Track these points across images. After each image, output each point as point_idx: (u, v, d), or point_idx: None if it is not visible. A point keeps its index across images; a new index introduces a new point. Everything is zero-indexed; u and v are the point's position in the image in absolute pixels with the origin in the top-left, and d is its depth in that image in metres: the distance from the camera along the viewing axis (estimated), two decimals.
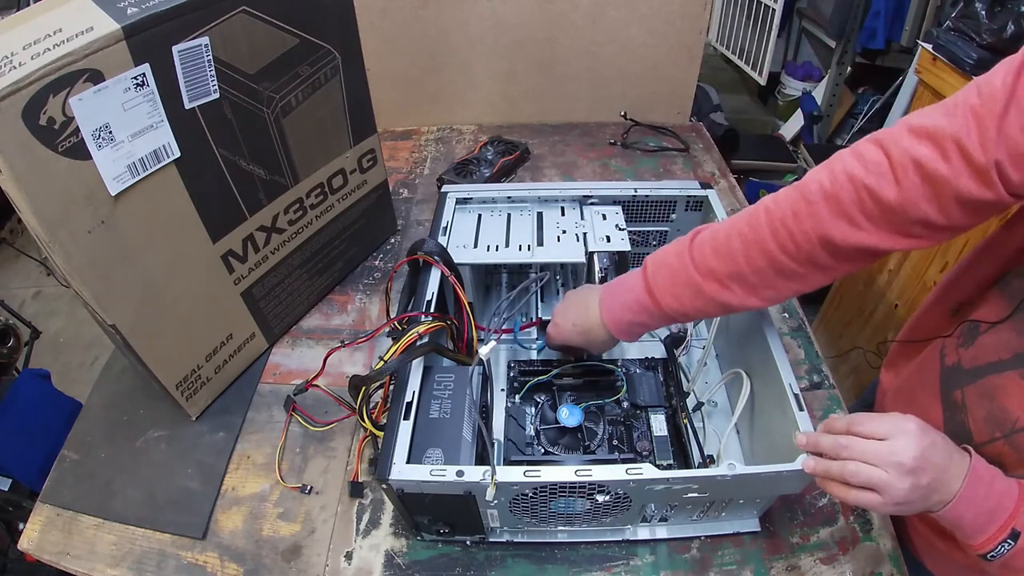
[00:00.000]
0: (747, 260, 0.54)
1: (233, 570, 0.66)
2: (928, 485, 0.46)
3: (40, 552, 0.69)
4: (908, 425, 0.47)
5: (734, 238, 0.54)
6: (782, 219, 0.52)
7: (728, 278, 0.55)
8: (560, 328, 0.69)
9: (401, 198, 1.16)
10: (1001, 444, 0.53)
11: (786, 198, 0.52)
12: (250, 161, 0.71)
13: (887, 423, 0.48)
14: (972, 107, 0.44)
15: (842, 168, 0.49)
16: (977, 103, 0.44)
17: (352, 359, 0.86)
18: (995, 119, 0.43)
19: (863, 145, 0.49)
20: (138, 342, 0.67)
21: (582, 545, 0.67)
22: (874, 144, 0.49)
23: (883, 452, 0.46)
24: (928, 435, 0.47)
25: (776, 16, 1.92)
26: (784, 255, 0.52)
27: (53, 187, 0.53)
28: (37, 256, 2.28)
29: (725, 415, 0.76)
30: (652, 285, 0.59)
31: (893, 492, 0.46)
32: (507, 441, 0.71)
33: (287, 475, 0.74)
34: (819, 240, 0.50)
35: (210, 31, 0.60)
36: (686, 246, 0.58)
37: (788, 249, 0.52)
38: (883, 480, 0.46)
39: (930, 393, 0.62)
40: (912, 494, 0.46)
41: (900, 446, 0.46)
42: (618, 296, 0.63)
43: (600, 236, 0.78)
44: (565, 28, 1.21)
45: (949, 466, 0.47)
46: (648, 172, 1.20)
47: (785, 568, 0.64)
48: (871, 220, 0.48)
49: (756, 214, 0.54)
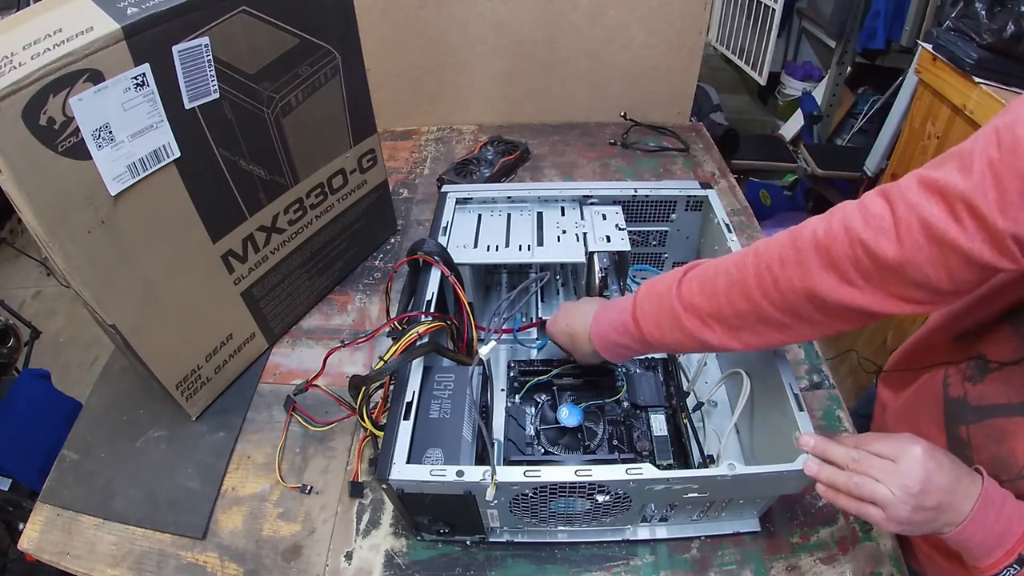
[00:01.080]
0: (728, 301, 0.52)
1: (233, 570, 0.66)
2: (935, 507, 0.46)
3: (40, 552, 0.69)
4: (915, 449, 0.47)
5: (720, 277, 0.53)
6: (768, 264, 0.49)
7: (709, 316, 0.53)
8: (555, 326, 0.70)
9: (401, 198, 1.16)
10: (1009, 486, 0.51)
11: (777, 243, 0.49)
12: (250, 161, 0.71)
13: (894, 445, 0.48)
14: (990, 161, 0.38)
15: (841, 218, 0.46)
16: (996, 156, 0.38)
17: (352, 359, 0.86)
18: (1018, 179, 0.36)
19: (869, 197, 0.45)
20: (138, 342, 0.67)
21: (582, 545, 0.67)
22: (880, 196, 0.44)
23: (889, 472, 0.47)
24: (934, 458, 0.47)
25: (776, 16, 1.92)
26: (766, 301, 0.49)
27: (53, 187, 0.53)
28: (37, 256, 2.28)
29: (725, 415, 0.76)
30: (637, 311, 0.59)
31: (896, 511, 0.46)
32: (507, 441, 0.71)
33: (287, 475, 0.74)
34: (804, 291, 0.47)
35: (210, 31, 0.60)
36: (677, 278, 0.57)
37: (771, 296, 0.49)
38: (887, 498, 0.46)
39: (934, 423, 0.60)
40: (916, 515, 0.46)
41: (906, 468, 0.46)
42: (608, 314, 0.63)
43: (600, 236, 0.78)
44: (565, 28, 1.21)
45: (957, 488, 0.47)
46: (648, 172, 1.20)
47: (785, 568, 0.64)
48: (864, 278, 0.44)
49: (745, 255, 0.52)
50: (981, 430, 0.54)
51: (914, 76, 1.36)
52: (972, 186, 0.38)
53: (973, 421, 0.55)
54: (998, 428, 0.52)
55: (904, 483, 0.46)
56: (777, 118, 2.68)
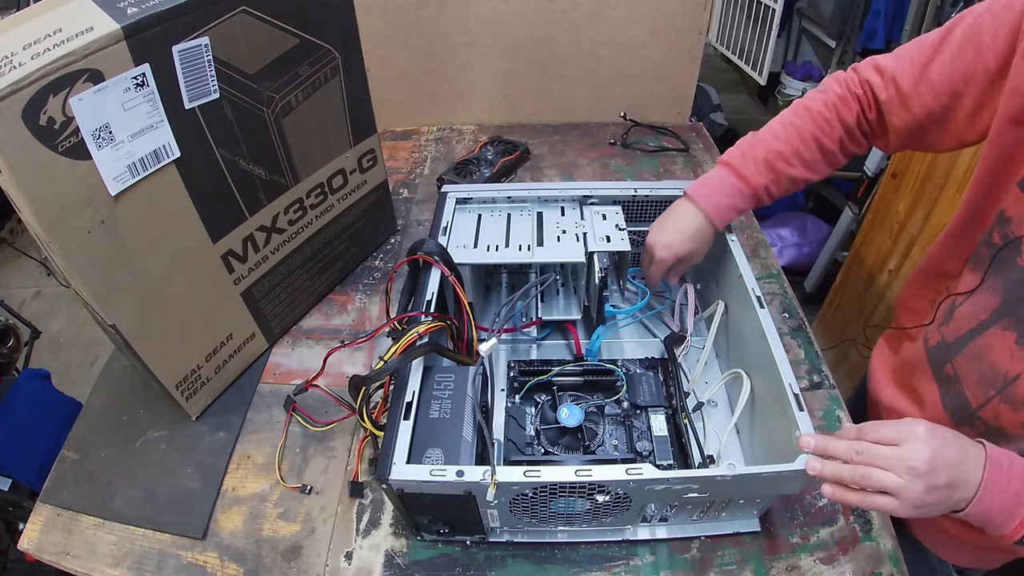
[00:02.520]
0: (802, 141, 0.69)
1: (233, 570, 0.66)
2: (947, 484, 0.47)
3: (40, 552, 0.69)
4: (917, 429, 0.48)
5: (790, 128, 0.70)
6: (819, 111, 0.69)
7: (791, 155, 0.70)
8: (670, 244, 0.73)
9: (401, 198, 1.16)
10: (997, 402, 0.56)
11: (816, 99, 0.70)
12: (250, 161, 0.71)
13: (896, 429, 0.48)
14: (911, 54, 0.61)
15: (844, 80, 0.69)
16: (915, 52, 0.60)
17: (352, 359, 0.86)
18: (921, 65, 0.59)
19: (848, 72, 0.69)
20: (138, 342, 0.67)
21: (582, 545, 0.67)
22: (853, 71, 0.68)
23: (895, 457, 0.47)
24: (938, 436, 0.48)
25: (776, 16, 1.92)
26: (824, 136, 0.68)
27: (53, 187, 0.53)
28: (37, 256, 2.28)
29: (725, 415, 0.76)
30: (742, 173, 0.71)
31: (909, 495, 0.46)
32: (507, 441, 0.71)
33: (287, 475, 0.74)
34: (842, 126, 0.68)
35: (210, 31, 0.60)
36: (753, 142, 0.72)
37: (825, 131, 0.68)
38: (897, 484, 0.46)
39: (923, 375, 0.66)
40: (929, 496, 0.46)
41: (911, 450, 0.47)
42: (712, 188, 0.74)
43: (600, 236, 0.78)
44: (565, 28, 1.21)
45: (964, 461, 0.47)
46: (648, 172, 1.20)
47: (785, 568, 0.64)
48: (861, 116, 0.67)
49: (798, 111, 0.71)
50: (963, 359, 0.60)
51: None
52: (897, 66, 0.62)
53: (954, 355, 0.62)
54: (976, 349, 0.59)
55: (911, 465, 0.46)
56: None
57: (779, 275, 0.97)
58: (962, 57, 0.56)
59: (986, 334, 0.57)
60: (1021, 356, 0.54)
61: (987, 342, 0.57)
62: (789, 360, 0.61)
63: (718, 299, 0.78)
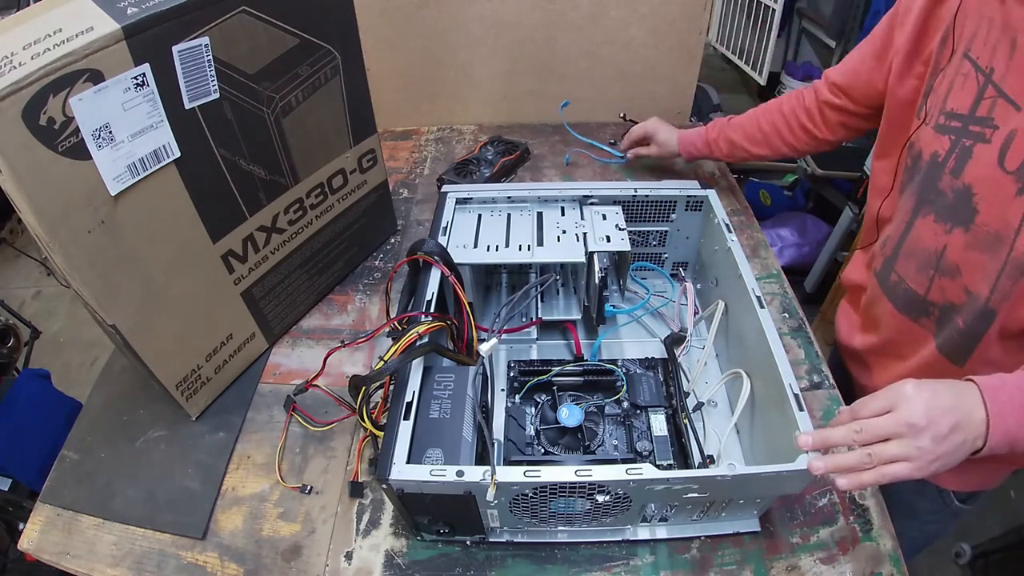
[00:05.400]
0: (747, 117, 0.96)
1: (233, 570, 0.66)
2: (951, 429, 0.47)
3: (40, 552, 0.69)
4: (904, 389, 0.49)
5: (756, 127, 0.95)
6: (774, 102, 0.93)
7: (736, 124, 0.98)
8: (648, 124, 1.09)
9: (401, 198, 1.16)
10: (938, 280, 0.66)
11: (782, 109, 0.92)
12: (250, 161, 0.71)
13: (884, 397, 0.50)
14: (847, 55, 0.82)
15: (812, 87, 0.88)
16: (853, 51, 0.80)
17: (352, 359, 0.86)
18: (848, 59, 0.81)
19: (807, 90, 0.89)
20: (138, 342, 0.67)
21: (582, 545, 0.67)
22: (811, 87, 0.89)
23: (892, 423, 0.48)
24: (926, 387, 0.49)
25: (776, 16, 1.92)
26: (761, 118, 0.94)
27: (53, 187, 0.53)
28: (37, 256, 2.28)
29: (725, 415, 0.76)
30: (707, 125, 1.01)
31: (919, 453, 0.47)
32: (507, 441, 0.71)
33: (287, 475, 0.74)
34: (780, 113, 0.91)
35: (210, 31, 0.60)
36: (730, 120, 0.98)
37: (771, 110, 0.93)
38: (904, 447, 0.47)
39: (878, 301, 0.76)
40: (939, 446, 0.47)
41: (906, 410, 0.48)
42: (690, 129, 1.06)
43: (600, 236, 0.78)
44: (565, 28, 1.21)
45: (961, 402, 0.49)
46: (648, 172, 1.20)
47: (785, 568, 0.64)
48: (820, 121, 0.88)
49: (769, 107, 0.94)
50: (901, 261, 0.71)
51: None
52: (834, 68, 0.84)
53: (892, 263, 0.72)
54: (909, 246, 0.69)
55: (909, 423, 0.47)
56: None
57: (779, 275, 0.97)
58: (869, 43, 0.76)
59: (912, 229, 0.68)
60: (941, 229, 0.64)
61: (914, 234, 0.68)
62: (789, 360, 0.61)
63: (718, 299, 0.78)
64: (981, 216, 0.60)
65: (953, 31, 0.62)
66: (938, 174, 0.64)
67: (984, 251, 0.61)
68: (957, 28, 0.62)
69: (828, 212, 2.03)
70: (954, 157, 0.62)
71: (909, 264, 0.69)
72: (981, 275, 0.61)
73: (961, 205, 0.61)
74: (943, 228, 0.64)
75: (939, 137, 0.63)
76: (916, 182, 0.67)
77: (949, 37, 0.62)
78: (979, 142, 0.59)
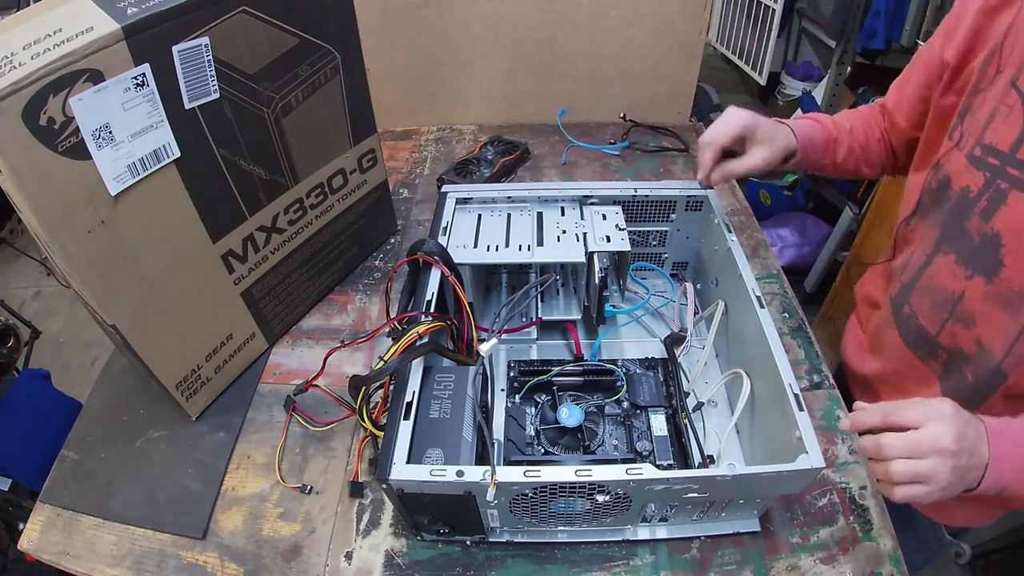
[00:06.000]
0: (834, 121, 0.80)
1: (233, 570, 0.66)
2: (967, 464, 0.47)
3: (40, 552, 0.69)
4: (944, 408, 0.48)
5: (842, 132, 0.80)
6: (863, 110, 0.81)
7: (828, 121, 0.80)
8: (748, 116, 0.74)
9: (401, 198, 1.16)
10: (951, 325, 0.62)
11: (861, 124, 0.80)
12: (250, 161, 0.71)
13: (921, 410, 0.49)
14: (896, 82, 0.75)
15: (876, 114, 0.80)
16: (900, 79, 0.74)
17: (352, 359, 0.86)
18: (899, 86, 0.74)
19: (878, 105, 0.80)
20: (138, 342, 0.67)
21: (582, 545, 0.67)
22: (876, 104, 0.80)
23: (924, 441, 0.47)
24: (962, 415, 0.48)
25: (776, 16, 1.92)
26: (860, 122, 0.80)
27: (53, 187, 0.53)
28: (37, 256, 2.28)
29: (725, 415, 0.76)
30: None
31: (939, 479, 0.46)
32: (507, 441, 0.71)
33: (287, 475, 0.74)
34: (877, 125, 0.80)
35: (210, 31, 0.60)
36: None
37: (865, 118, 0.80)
38: (928, 470, 0.46)
39: (888, 328, 0.72)
40: (954, 475, 0.47)
41: (940, 431, 0.47)
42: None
43: (600, 236, 0.78)
44: (565, 28, 1.21)
45: (978, 439, 0.48)
46: (648, 172, 1.20)
47: (785, 568, 0.64)
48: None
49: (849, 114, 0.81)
50: (916, 295, 0.67)
51: None
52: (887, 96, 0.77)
53: (909, 294, 0.68)
54: (926, 280, 0.65)
55: (941, 446, 0.47)
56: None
57: (779, 275, 0.97)
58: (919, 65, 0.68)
59: (932, 264, 0.64)
60: (962, 273, 0.60)
61: (933, 270, 0.64)
62: (789, 360, 0.61)
63: (718, 299, 0.78)
64: (1007, 270, 0.55)
65: (1001, 50, 0.55)
66: (966, 212, 0.58)
67: (1004, 308, 0.56)
68: (1007, 48, 0.55)
69: (828, 212, 2.03)
70: (986, 198, 0.56)
71: (924, 300, 0.65)
72: (997, 332, 0.58)
73: (987, 253, 0.57)
74: (964, 273, 0.59)
75: (972, 171, 0.57)
76: (942, 213, 0.62)
77: (996, 55, 0.56)
78: (1016, 188, 0.54)
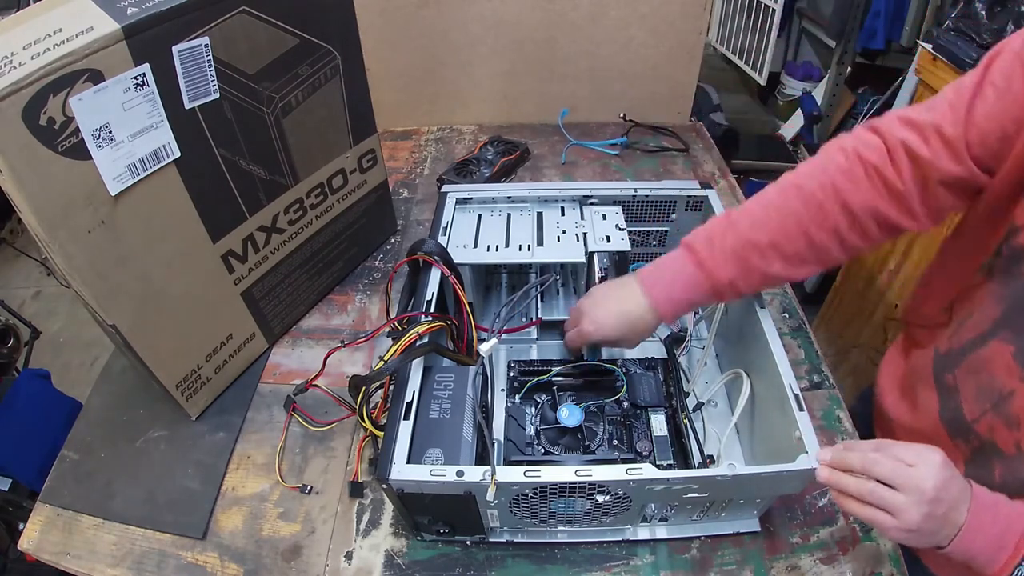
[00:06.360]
0: (782, 230, 0.59)
1: (233, 570, 0.66)
2: (942, 516, 0.47)
3: (40, 552, 0.69)
4: (934, 456, 0.48)
5: (771, 212, 0.60)
6: (811, 193, 0.58)
7: (768, 247, 0.59)
8: (600, 324, 0.66)
9: (401, 198, 1.16)
10: (991, 417, 0.55)
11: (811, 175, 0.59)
12: (250, 161, 0.71)
13: (914, 451, 0.49)
14: (949, 100, 0.53)
15: (852, 149, 0.57)
16: (953, 97, 0.53)
17: (352, 359, 0.86)
18: (965, 106, 0.51)
19: (861, 131, 0.58)
20: (138, 342, 0.67)
21: (582, 545, 0.67)
22: (870, 131, 0.57)
23: (906, 475, 0.47)
24: (949, 467, 0.48)
25: (776, 16, 1.92)
26: (814, 226, 0.58)
27: (53, 187, 0.53)
28: (37, 256, 2.28)
29: (725, 415, 0.76)
30: (703, 260, 0.62)
31: (908, 517, 0.46)
32: (507, 441, 0.71)
33: (287, 475, 0.74)
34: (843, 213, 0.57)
35: (210, 31, 0.60)
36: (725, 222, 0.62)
37: (816, 220, 0.58)
38: (900, 503, 0.47)
39: (926, 384, 0.64)
40: (925, 523, 0.47)
41: (923, 473, 0.47)
42: (664, 277, 0.64)
43: (600, 236, 0.78)
44: (565, 28, 1.21)
45: (960, 500, 0.48)
46: (648, 172, 1.20)
47: (785, 568, 0.64)
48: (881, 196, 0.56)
49: (786, 190, 0.60)
50: (963, 369, 0.59)
51: (914, 76, 1.35)
52: (936, 117, 0.53)
53: (956, 365, 0.60)
54: (976, 360, 0.57)
55: (920, 486, 0.46)
56: (777, 118, 2.67)
57: None
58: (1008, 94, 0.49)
59: (986, 345, 0.55)
60: (1017, 372, 0.52)
61: (987, 354, 0.55)
62: (789, 360, 0.61)
63: None
64: None
65: None
66: None
67: None
68: None
69: None
70: None
71: (969, 380, 0.58)
72: None
73: None
74: (1019, 372, 0.52)
75: None
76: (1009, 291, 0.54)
77: None
78: None
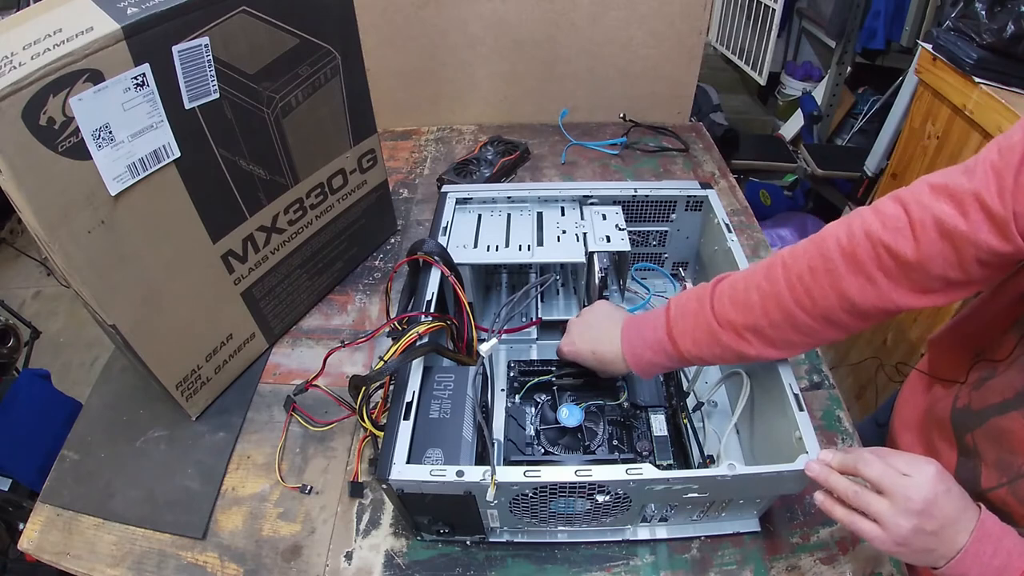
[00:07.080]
0: (764, 313, 0.55)
1: (233, 570, 0.66)
2: (933, 533, 0.45)
3: (40, 552, 0.69)
4: (928, 468, 0.47)
5: (752, 291, 0.55)
6: (799, 275, 0.53)
7: (745, 329, 0.56)
8: (578, 350, 0.69)
9: (401, 198, 1.16)
10: (1005, 491, 0.53)
11: (804, 253, 0.53)
12: (250, 161, 0.71)
13: (909, 460, 0.47)
14: (992, 163, 0.45)
15: (860, 224, 0.50)
16: (996, 159, 0.45)
17: (352, 359, 0.86)
18: (1013, 172, 0.43)
19: (883, 202, 0.50)
20: (138, 342, 0.67)
21: (582, 545, 0.67)
22: (894, 200, 0.50)
23: (896, 482, 0.46)
24: (945, 482, 0.46)
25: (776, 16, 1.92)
26: (800, 310, 0.53)
27: (53, 187, 0.53)
28: (37, 256, 2.28)
29: (725, 415, 0.76)
30: (673, 330, 0.60)
31: (894, 528, 0.45)
32: (507, 441, 0.71)
33: (287, 475, 0.74)
34: (835, 296, 0.51)
35: (210, 31, 0.60)
36: (708, 293, 0.59)
37: (804, 304, 0.52)
38: (885, 512, 0.46)
39: (944, 436, 0.62)
40: (914, 537, 0.45)
41: (914, 483, 0.46)
42: (641, 334, 0.63)
43: (600, 236, 0.78)
44: (565, 28, 1.21)
45: (959, 519, 0.46)
46: (648, 172, 1.20)
47: (785, 568, 0.64)
48: (888, 277, 0.49)
49: (773, 267, 0.55)
50: (983, 434, 0.56)
51: (914, 76, 1.35)
52: (977, 184, 0.45)
53: (976, 427, 0.57)
54: (996, 428, 0.54)
55: (908, 495, 0.45)
56: (777, 118, 2.68)
57: None
58: None
59: (1008, 415, 0.53)
60: None
61: (1007, 424, 0.53)
62: (789, 360, 0.61)
63: None
64: None
65: None
66: None
67: None
68: None
69: (828, 212, 2.03)
70: None
71: (989, 447, 0.55)
72: None
73: None
74: None
75: None
76: None
77: None
78: None
